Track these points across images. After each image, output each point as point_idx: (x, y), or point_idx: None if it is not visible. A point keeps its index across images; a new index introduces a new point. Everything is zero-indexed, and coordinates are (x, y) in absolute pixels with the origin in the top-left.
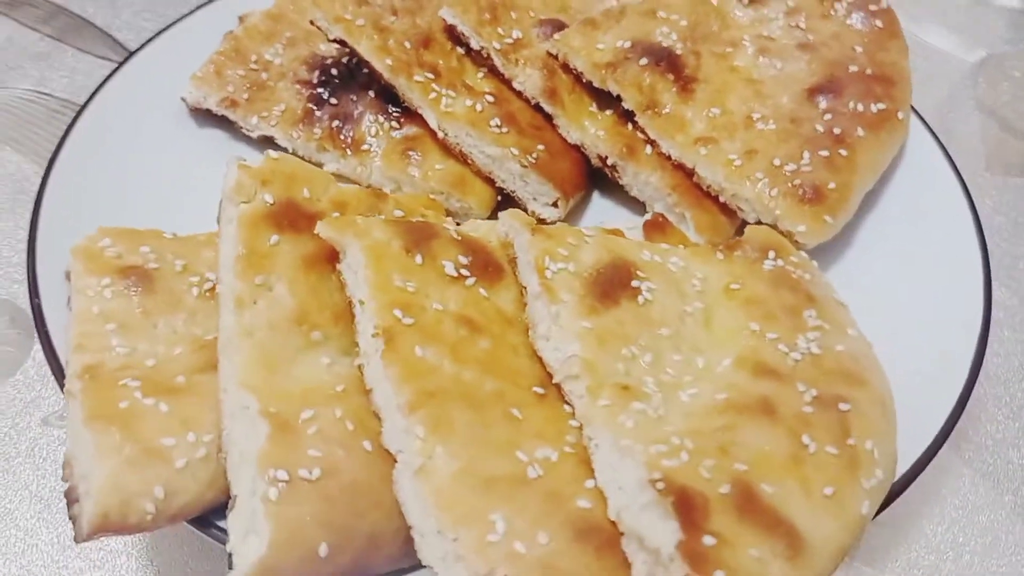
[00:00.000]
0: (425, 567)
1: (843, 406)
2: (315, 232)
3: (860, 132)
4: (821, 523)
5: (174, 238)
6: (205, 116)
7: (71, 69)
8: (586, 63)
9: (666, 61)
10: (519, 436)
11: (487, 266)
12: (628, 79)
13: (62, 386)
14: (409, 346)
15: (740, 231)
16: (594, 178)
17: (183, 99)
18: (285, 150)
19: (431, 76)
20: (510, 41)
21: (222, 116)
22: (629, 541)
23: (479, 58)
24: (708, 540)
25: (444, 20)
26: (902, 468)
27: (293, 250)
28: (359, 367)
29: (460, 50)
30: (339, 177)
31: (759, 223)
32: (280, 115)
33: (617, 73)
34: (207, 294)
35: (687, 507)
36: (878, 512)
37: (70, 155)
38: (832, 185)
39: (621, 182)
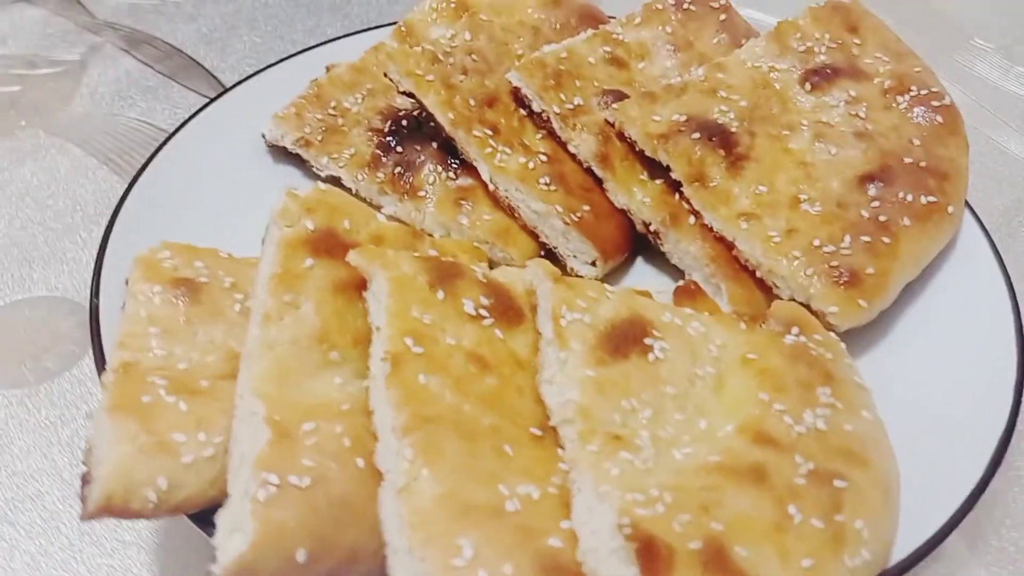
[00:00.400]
0: None
1: (839, 483)
2: (347, 260)
3: (906, 221)
4: None
5: (228, 258)
6: (280, 153)
7: (175, 103)
8: (640, 132)
9: (719, 137)
10: (506, 471)
11: (507, 310)
12: (679, 150)
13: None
14: (413, 373)
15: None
16: (638, 244)
17: (263, 135)
18: (349, 191)
19: (490, 132)
20: (570, 107)
21: (296, 154)
22: None
23: (539, 120)
24: None
25: (510, 82)
26: (901, 554)
27: (326, 274)
28: (367, 389)
29: (523, 112)
30: (393, 219)
31: (792, 300)
32: (349, 158)
33: (669, 144)
34: (248, 310)
35: (650, 555)
36: None
37: (152, 174)
38: (870, 270)
39: (662, 249)
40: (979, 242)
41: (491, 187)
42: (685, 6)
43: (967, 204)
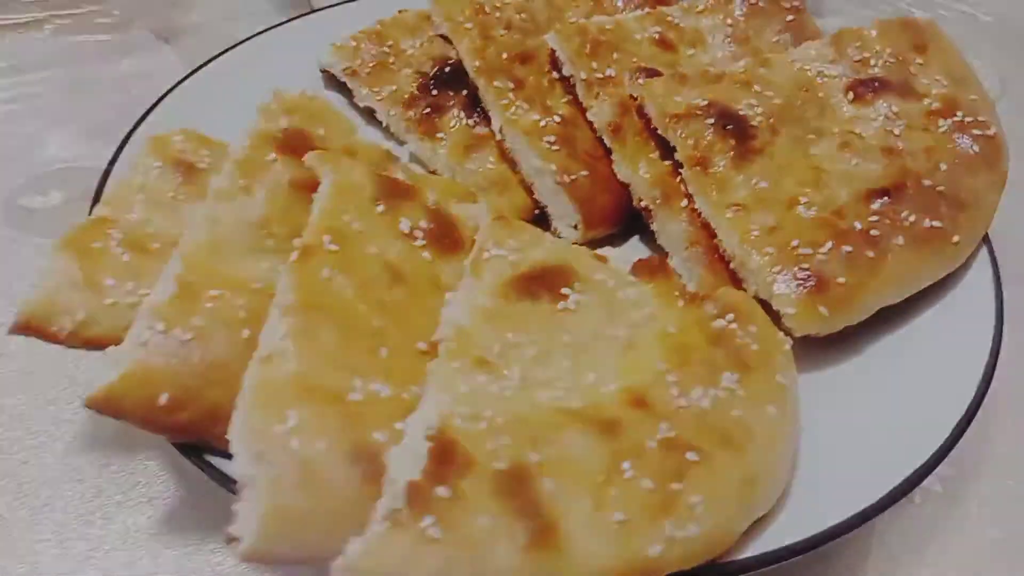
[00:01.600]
0: None
1: (691, 455)
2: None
3: (899, 240)
4: (593, 540)
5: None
6: (331, 79)
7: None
8: (657, 110)
9: (736, 127)
10: (368, 368)
11: (444, 237)
12: (688, 132)
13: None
14: (318, 265)
15: None
16: (637, 224)
17: (318, 60)
18: (379, 123)
19: (512, 86)
20: (599, 76)
21: (344, 83)
22: (388, 478)
23: (567, 85)
24: (442, 490)
25: (548, 44)
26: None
27: (285, 170)
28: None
29: (555, 74)
30: (415, 159)
31: (756, 297)
32: (389, 94)
33: (680, 124)
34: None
35: (443, 457)
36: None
37: (217, 66)
38: (841, 280)
39: (652, 227)
40: (985, 282)
41: (498, 137)
42: (755, 1)
43: (987, 241)
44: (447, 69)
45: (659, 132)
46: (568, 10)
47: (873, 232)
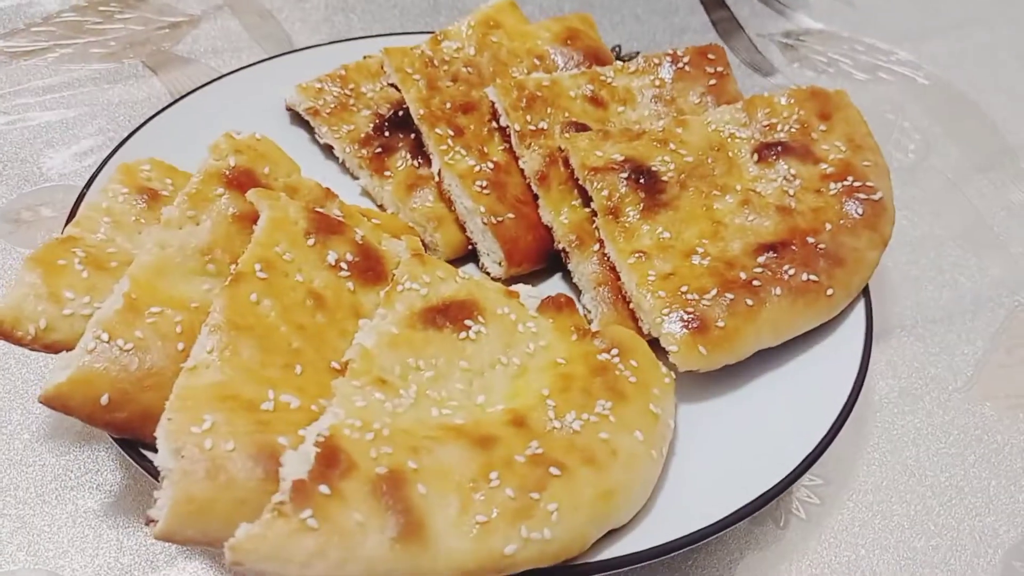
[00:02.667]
0: None
1: (554, 470)
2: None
3: (777, 291)
4: (456, 537)
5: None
6: (296, 117)
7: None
8: (578, 162)
9: (647, 181)
10: (283, 382)
11: (368, 270)
12: (603, 184)
13: None
14: (248, 290)
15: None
16: (559, 263)
17: (284, 99)
18: (336, 160)
19: (452, 133)
20: (533, 128)
21: (306, 121)
22: (280, 476)
23: (505, 134)
24: (323, 488)
25: (487, 96)
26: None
27: (230, 204)
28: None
29: (494, 124)
30: (365, 193)
31: (649, 334)
32: (346, 133)
33: (598, 176)
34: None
35: (328, 460)
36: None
37: (196, 98)
38: (721, 324)
39: (568, 266)
40: (856, 333)
41: (436, 179)
42: (681, 65)
43: (866, 295)
44: (400, 113)
45: (580, 182)
46: (512, 65)
47: (755, 283)
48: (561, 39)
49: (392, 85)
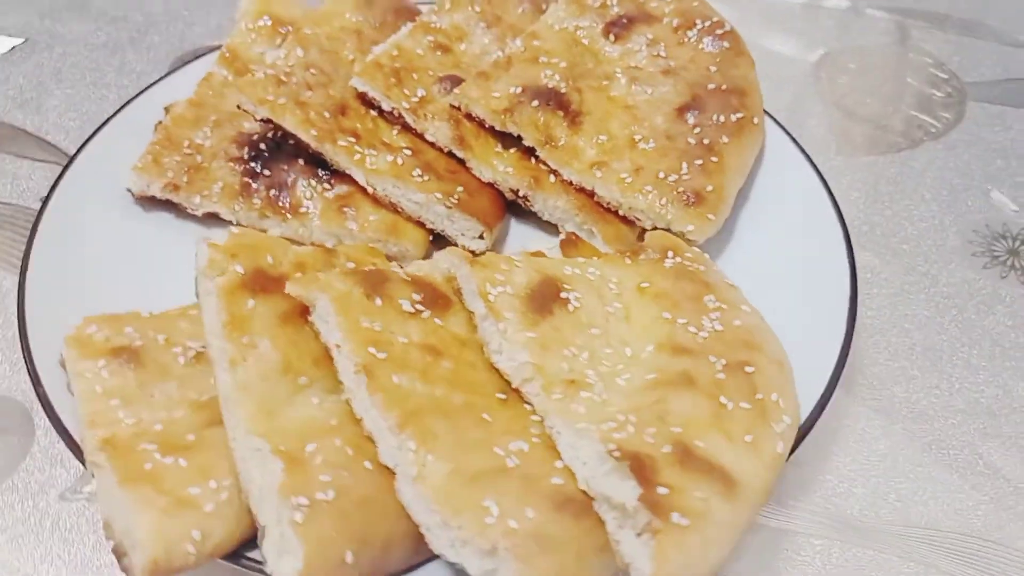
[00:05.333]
0: (436, 558)
1: (748, 369)
2: (285, 292)
3: (725, 139)
4: (746, 464)
5: (151, 316)
6: (151, 202)
7: (12, 175)
8: (486, 110)
9: (555, 100)
10: (492, 435)
11: (437, 299)
12: (525, 120)
13: (83, 462)
14: (387, 376)
15: (640, 236)
16: (510, 208)
17: (128, 190)
18: (230, 222)
19: (352, 140)
20: (416, 100)
21: (166, 199)
22: (600, 504)
23: (391, 118)
24: (662, 490)
25: (355, 88)
26: (805, 413)
27: (269, 311)
28: (346, 401)
29: (373, 113)
30: (287, 239)
31: (655, 228)
32: (220, 192)
33: (515, 116)
34: (192, 361)
35: (640, 467)
36: (791, 452)
37: (39, 256)
38: (709, 188)
39: (533, 209)
40: (782, 140)
41: (370, 190)
42: None
43: (765, 111)
44: (262, 146)
45: (497, 128)
46: (341, 50)
47: (704, 141)
48: (360, 6)
49: (263, 120)
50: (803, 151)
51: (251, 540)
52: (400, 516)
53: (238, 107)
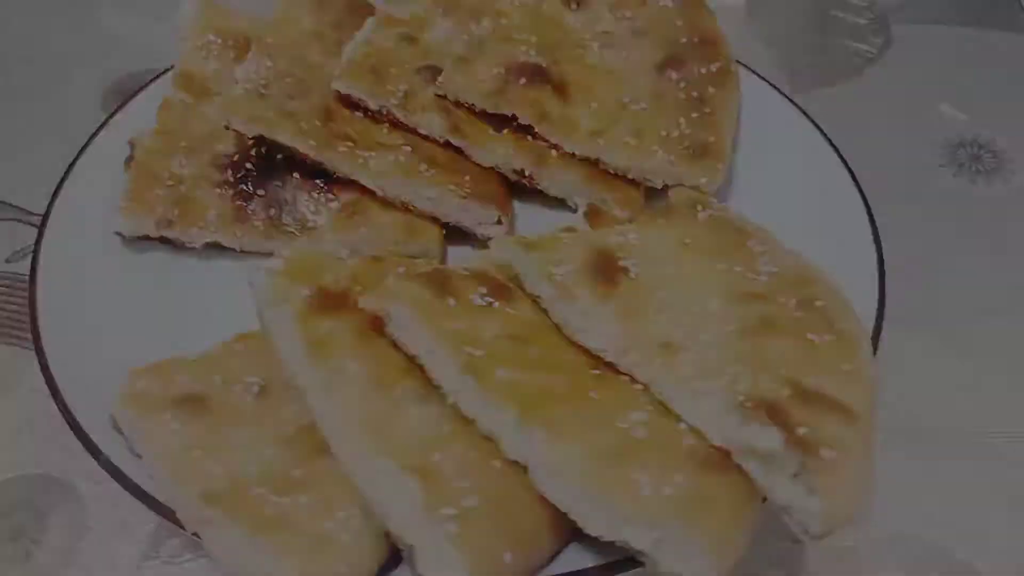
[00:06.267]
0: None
1: (818, 303)
2: (353, 307)
3: (712, 90)
4: (854, 392)
5: (196, 359)
6: (144, 241)
7: None
8: (476, 95)
9: (539, 75)
10: (608, 411)
11: (501, 289)
12: (516, 98)
13: (178, 524)
14: (492, 372)
15: (647, 196)
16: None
17: (118, 233)
18: (233, 250)
19: (351, 144)
20: (401, 94)
21: (159, 237)
22: (742, 455)
23: (378, 117)
24: (802, 430)
25: (338, 92)
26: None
27: (344, 329)
28: (451, 405)
29: (358, 115)
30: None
31: (665, 187)
32: (216, 219)
33: (506, 96)
34: (259, 396)
35: (775, 413)
36: None
37: (48, 325)
38: (712, 139)
39: (540, 187)
40: (754, 81)
41: (379, 192)
42: None
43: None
44: (248, 165)
45: (488, 111)
46: (308, 56)
47: (694, 94)
48: (313, 9)
49: (255, 138)
50: (780, 91)
51: (390, 563)
52: (540, 507)
53: (225, 127)
